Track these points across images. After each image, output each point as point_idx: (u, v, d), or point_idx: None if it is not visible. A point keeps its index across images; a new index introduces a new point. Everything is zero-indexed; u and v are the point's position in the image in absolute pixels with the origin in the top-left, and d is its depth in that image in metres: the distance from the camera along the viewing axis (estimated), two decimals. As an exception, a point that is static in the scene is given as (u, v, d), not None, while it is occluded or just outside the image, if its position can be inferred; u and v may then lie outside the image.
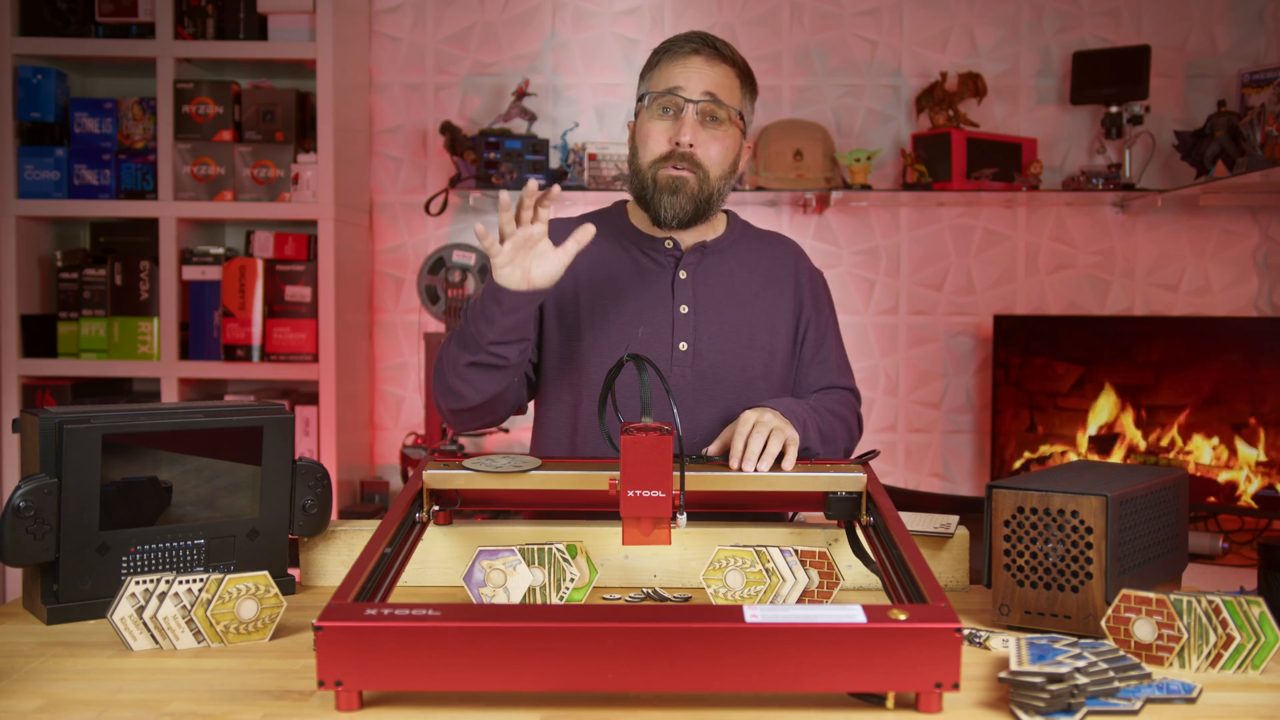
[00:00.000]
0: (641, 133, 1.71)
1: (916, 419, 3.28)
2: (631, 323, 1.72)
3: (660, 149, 1.68)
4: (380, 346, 3.30)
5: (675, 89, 1.66)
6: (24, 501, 1.26)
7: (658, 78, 1.70)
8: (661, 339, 1.71)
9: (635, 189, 1.73)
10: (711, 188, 1.69)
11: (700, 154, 1.67)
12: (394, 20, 3.25)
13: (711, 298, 1.74)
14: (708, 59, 1.68)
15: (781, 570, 1.33)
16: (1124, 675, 1.08)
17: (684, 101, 1.66)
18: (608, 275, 1.75)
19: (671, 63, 1.69)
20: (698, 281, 1.74)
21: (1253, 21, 3.18)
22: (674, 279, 1.74)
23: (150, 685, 1.12)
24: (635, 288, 1.74)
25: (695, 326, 1.72)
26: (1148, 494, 1.33)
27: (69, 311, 3.02)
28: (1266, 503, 2.79)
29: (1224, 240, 3.22)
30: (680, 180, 1.67)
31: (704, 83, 1.67)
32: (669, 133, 1.67)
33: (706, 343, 1.72)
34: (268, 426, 1.41)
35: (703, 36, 1.70)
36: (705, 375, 1.71)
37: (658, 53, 1.72)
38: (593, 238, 1.55)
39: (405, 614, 1.02)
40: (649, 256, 1.76)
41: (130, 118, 3.03)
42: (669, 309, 1.72)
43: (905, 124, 3.24)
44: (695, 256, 1.75)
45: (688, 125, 1.66)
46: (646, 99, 1.70)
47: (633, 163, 1.73)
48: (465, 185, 3.03)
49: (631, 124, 1.78)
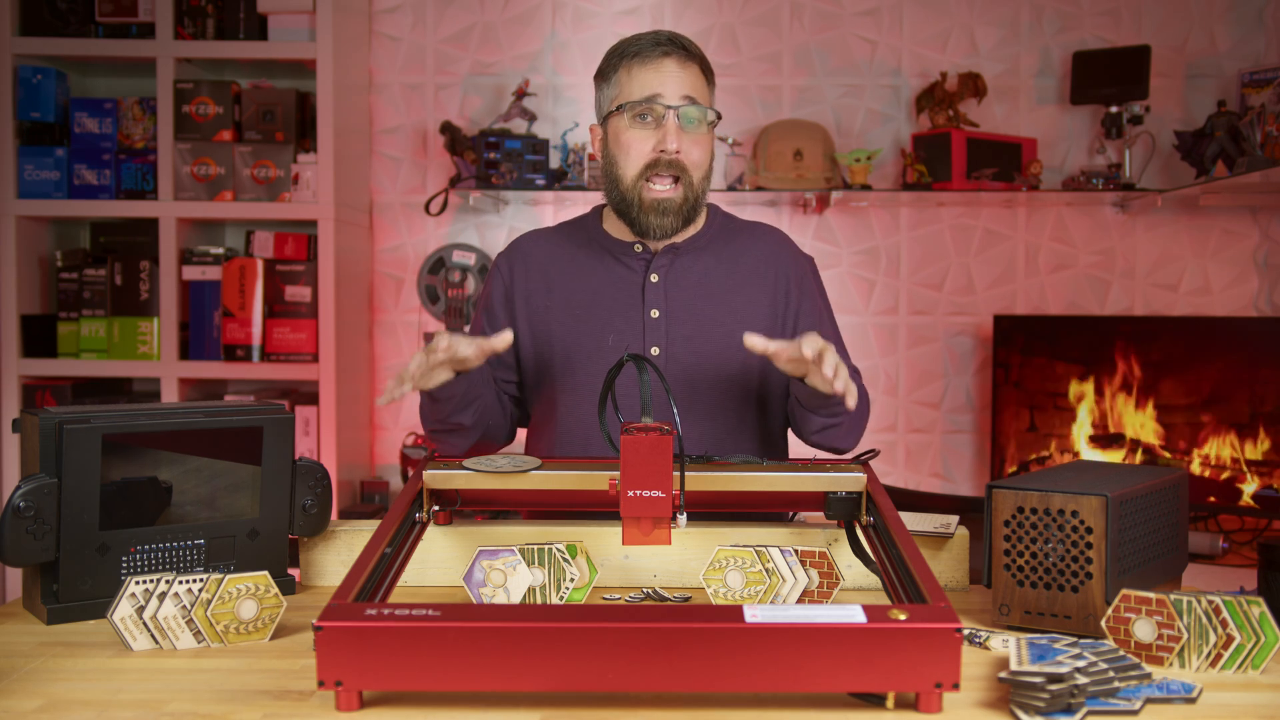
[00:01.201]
0: (621, 144, 1.67)
1: (916, 419, 3.28)
2: (601, 331, 1.71)
3: (644, 159, 1.65)
4: (380, 346, 3.30)
5: (654, 96, 1.63)
6: (24, 501, 1.26)
7: (629, 84, 1.65)
8: (633, 345, 1.70)
9: (616, 201, 1.70)
10: (695, 191, 1.68)
11: (685, 159, 1.65)
12: (394, 20, 3.25)
13: (684, 299, 1.73)
14: (679, 61, 1.65)
15: (781, 570, 1.33)
16: (1124, 675, 1.08)
17: (665, 109, 1.63)
18: (579, 286, 1.75)
19: (643, 67, 1.65)
20: (669, 284, 1.73)
21: (1253, 21, 3.19)
22: (645, 283, 1.73)
23: (150, 685, 1.12)
24: (606, 296, 1.73)
25: (667, 330, 1.71)
26: (1148, 494, 1.33)
27: (69, 311, 3.02)
28: (1266, 503, 2.79)
29: (1224, 240, 3.22)
30: (667, 202, 1.66)
31: (681, 86, 1.64)
32: (651, 141, 1.65)
33: (679, 345, 1.71)
34: (268, 426, 1.41)
35: (670, 37, 1.67)
36: (679, 377, 1.70)
37: (623, 55, 1.67)
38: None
39: (405, 614, 1.02)
40: (621, 263, 1.75)
41: (130, 118, 3.03)
42: (639, 314, 1.72)
43: (905, 124, 3.24)
44: (666, 259, 1.74)
45: (672, 133, 1.63)
46: (624, 107, 1.65)
47: (611, 173, 1.70)
48: (465, 185, 3.03)
49: (596, 128, 1.75)
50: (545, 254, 1.79)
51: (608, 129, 1.71)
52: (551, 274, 1.77)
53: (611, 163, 1.70)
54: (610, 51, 1.71)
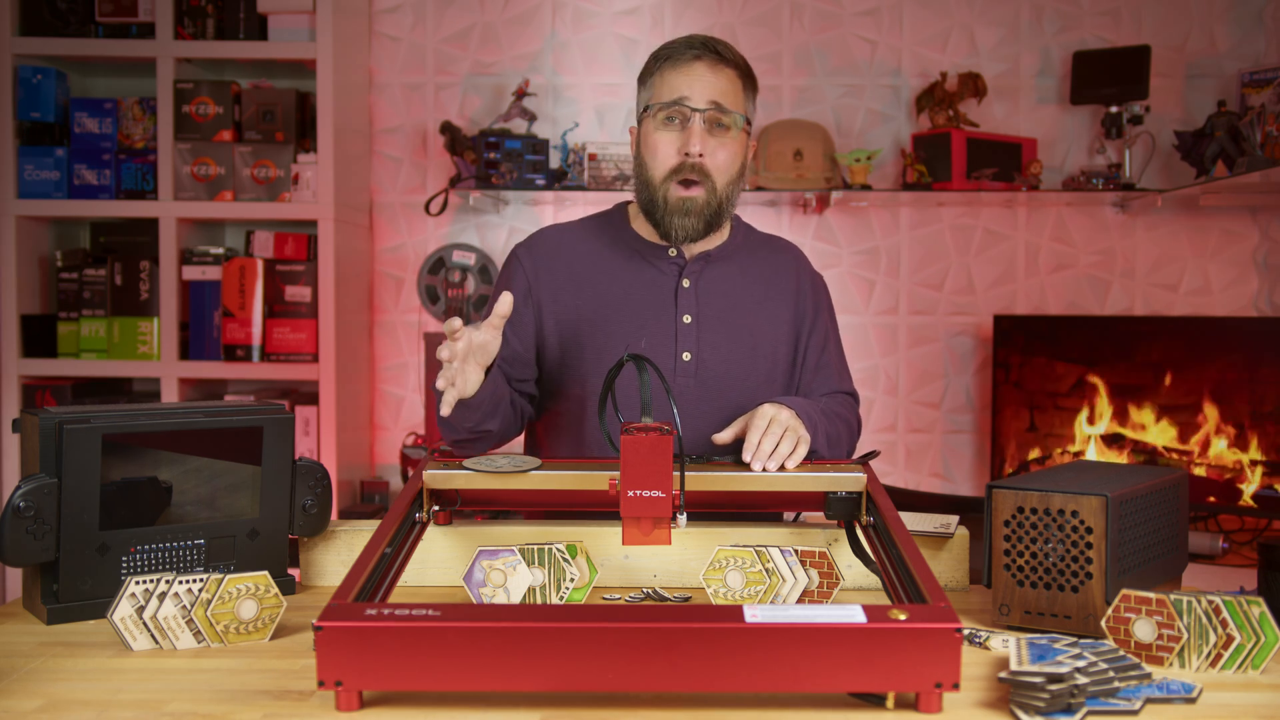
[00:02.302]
0: (649, 145, 1.69)
1: (916, 419, 3.28)
2: (634, 333, 1.71)
3: (670, 161, 1.67)
4: (380, 346, 3.30)
5: (681, 99, 1.65)
6: (24, 501, 1.26)
7: (661, 87, 1.68)
8: (665, 349, 1.70)
9: (644, 202, 1.72)
10: (720, 196, 1.69)
11: (709, 163, 1.66)
12: (394, 20, 3.25)
13: (715, 307, 1.74)
14: (710, 65, 1.67)
15: (781, 570, 1.33)
16: (1124, 675, 1.08)
17: (690, 111, 1.65)
18: (610, 285, 1.74)
19: (674, 70, 1.67)
20: (701, 291, 1.74)
21: (1253, 21, 3.19)
22: (678, 288, 1.73)
23: (150, 685, 1.12)
24: (638, 297, 1.73)
25: (699, 336, 1.71)
26: (1148, 494, 1.33)
27: (69, 311, 3.02)
28: (1266, 503, 2.79)
29: (1224, 240, 3.22)
30: (690, 202, 1.67)
31: (709, 90, 1.65)
32: (677, 143, 1.66)
33: (710, 352, 1.71)
34: (268, 426, 1.41)
35: (704, 41, 1.69)
36: (708, 384, 1.71)
37: (658, 59, 1.70)
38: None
39: (405, 614, 1.02)
40: (653, 266, 1.75)
41: (130, 118, 3.03)
42: (672, 318, 1.72)
43: (905, 124, 3.24)
44: (699, 265, 1.75)
45: (695, 136, 1.65)
46: (653, 108, 1.68)
47: (641, 174, 1.72)
48: (465, 185, 3.03)
49: (634, 130, 1.77)
50: (569, 250, 1.78)
51: (641, 130, 1.73)
52: (579, 270, 1.75)
53: (641, 164, 1.72)
54: (651, 55, 1.73)
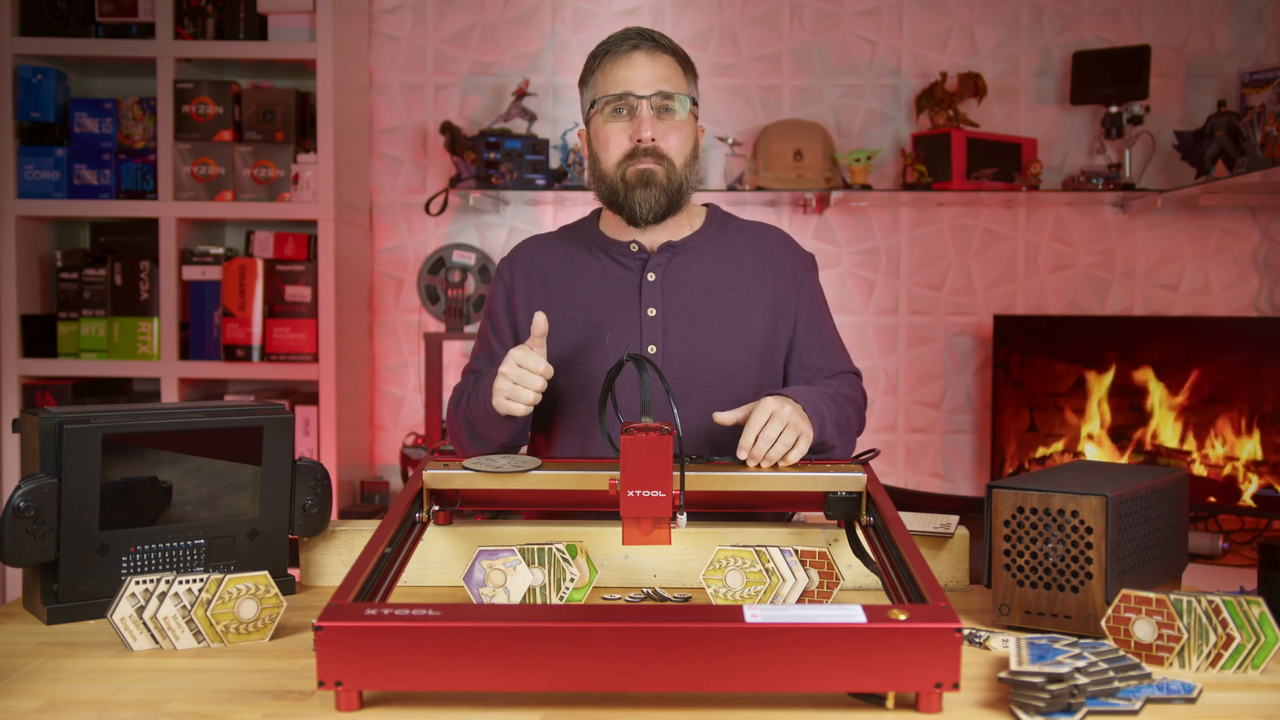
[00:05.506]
0: (600, 137, 1.72)
1: (916, 419, 3.28)
2: (598, 330, 1.72)
3: (622, 149, 1.69)
4: (380, 346, 3.30)
5: (627, 89, 1.68)
6: (24, 501, 1.26)
7: (604, 81, 1.71)
8: (630, 344, 1.71)
9: (605, 194, 1.74)
10: (679, 177, 1.70)
11: (663, 146, 1.68)
12: (394, 20, 3.25)
13: (681, 298, 1.74)
14: (649, 52, 1.69)
15: (781, 570, 1.33)
16: (1124, 675, 1.08)
17: (637, 99, 1.67)
18: (575, 286, 1.76)
19: (615, 63, 1.70)
20: (666, 282, 1.74)
21: (1253, 21, 3.19)
22: (641, 282, 1.74)
23: (150, 685, 1.12)
24: (604, 295, 1.74)
25: (664, 328, 1.72)
26: (1148, 494, 1.33)
27: (69, 311, 3.02)
28: (1266, 503, 2.79)
29: (1224, 240, 3.22)
30: (650, 173, 1.68)
31: (652, 78, 1.68)
32: (628, 132, 1.69)
33: (676, 344, 1.72)
34: (268, 426, 1.41)
35: (639, 31, 1.72)
36: (676, 376, 1.71)
37: (596, 55, 1.73)
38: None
39: (405, 614, 1.02)
40: (617, 262, 1.76)
41: (130, 118, 3.03)
42: (636, 312, 1.73)
43: (905, 124, 3.24)
44: (663, 257, 1.75)
45: (646, 121, 1.67)
46: (599, 103, 1.71)
47: (596, 169, 1.74)
48: (465, 185, 3.03)
49: (582, 132, 1.79)
50: (545, 258, 1.81)
51: (590, 128, 1.76)
52: (550, 276, 1.79)
53: (595, 160, 1.74)
54: (589, 55, 1.76)
